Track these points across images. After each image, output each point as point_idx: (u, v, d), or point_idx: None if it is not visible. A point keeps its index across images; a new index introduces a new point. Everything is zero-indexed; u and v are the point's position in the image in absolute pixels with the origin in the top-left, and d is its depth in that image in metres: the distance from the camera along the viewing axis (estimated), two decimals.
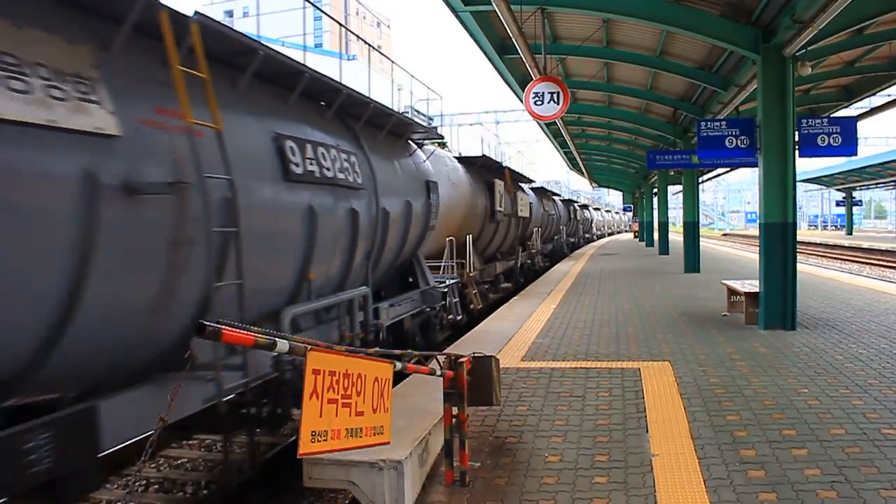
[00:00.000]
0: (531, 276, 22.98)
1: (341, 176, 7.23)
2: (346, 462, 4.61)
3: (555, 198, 34.59)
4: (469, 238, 14.81)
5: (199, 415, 5.20)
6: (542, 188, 30.19)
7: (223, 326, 2.58)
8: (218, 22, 5.47)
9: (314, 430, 3.14)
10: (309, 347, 3.14)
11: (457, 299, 12.45)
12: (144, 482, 7.05)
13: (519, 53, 11.55)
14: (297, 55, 6.87)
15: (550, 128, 26.36)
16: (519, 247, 22.08)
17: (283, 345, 3.00)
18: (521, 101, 13.63)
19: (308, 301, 6.83)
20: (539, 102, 11.51)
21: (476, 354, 5.22)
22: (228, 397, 5.30)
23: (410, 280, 10.80)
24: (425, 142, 11.74)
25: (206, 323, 2.49)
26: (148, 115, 4.63)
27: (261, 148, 6.02)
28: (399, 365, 4.10)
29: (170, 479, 7.11)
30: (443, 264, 13.13)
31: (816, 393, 6.78)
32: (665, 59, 15.44)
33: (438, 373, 4.76)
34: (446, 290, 11.80)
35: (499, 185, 17.58)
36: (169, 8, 4.72)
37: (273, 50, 6.17)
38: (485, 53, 15.32)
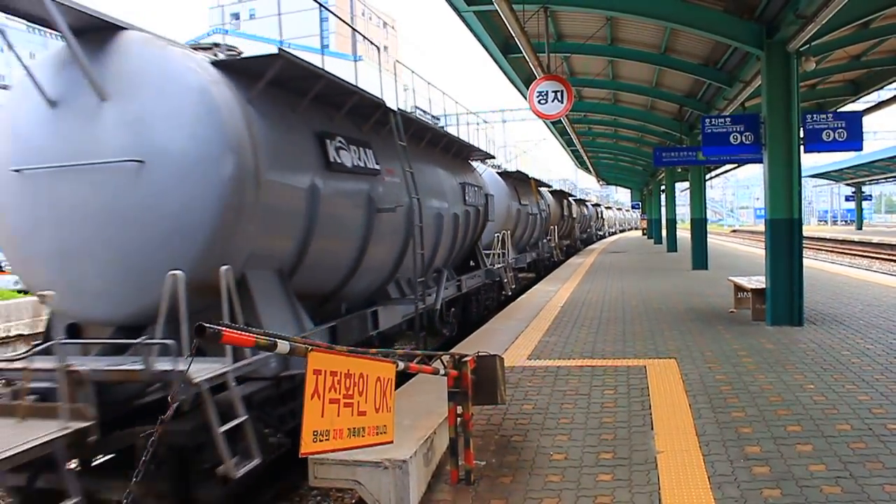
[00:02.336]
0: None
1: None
2: (351, 461, 4.63)
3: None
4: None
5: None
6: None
7: (223, 328, 2.61)
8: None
9: (316, 430, 3.17)
10: (310, 348, 3.17)
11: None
12: None
13: (522, 53, 11.57)
14: (306, 56, 7.03)
15: (557, 126, 26.35)
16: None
17: (283, 345, 3.03)
18: (526, 100, 13.66)
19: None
20: (543, 101, 11.50)
21: (481, 353, 5.24)
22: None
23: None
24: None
25: (206, 325, 2.52)
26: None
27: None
28: (402, 364, 4.13)
29: None
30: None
31: (822, 389, 6.77)
32: (669, 56, 15.42)
33: (442, 372, 4.79)
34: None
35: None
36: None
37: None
38: (489, 53, 15.34)
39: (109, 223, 5.83)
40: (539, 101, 11.52)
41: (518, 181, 21.42)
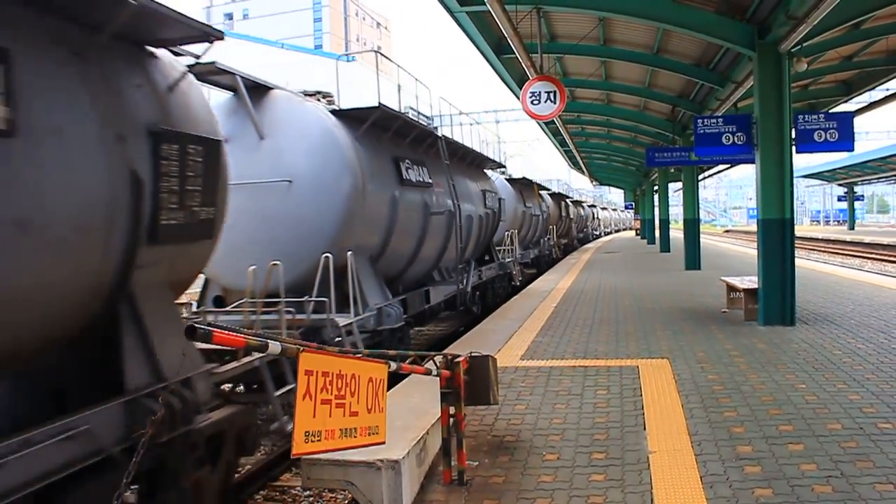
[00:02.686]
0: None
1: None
2: (344, 462, 4.63)
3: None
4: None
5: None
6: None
7: (213, 329, 2.61)
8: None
9: (308, 431, 3.17)
10: (301, 349, 3.17)
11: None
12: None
13: (515, 53, 11.58)
14: (297, 56, 7.46)
15: (550, 126, 26.38)
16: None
17: (274, 346, 3.03)
18: (519, 101, 13.69)
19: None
20: (536, 102, 11.52)
21: (473, 354, 5.24)
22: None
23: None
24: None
25: (196, 326, 2.52)
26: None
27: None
28: (394, 365, 4.13)
29: None
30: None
31: (814, 388, 6.80)
32: (662, 57, 15.46)
33: (435, 373, 4.79)
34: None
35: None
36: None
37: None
38: (482, 53, 15.34)
39: (265, 224, 8.26)
40: (532, 102, 11.54)
41: (523, 186, 24.35)
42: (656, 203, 38.08)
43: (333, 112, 9.31)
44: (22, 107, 3.66)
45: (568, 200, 40.74)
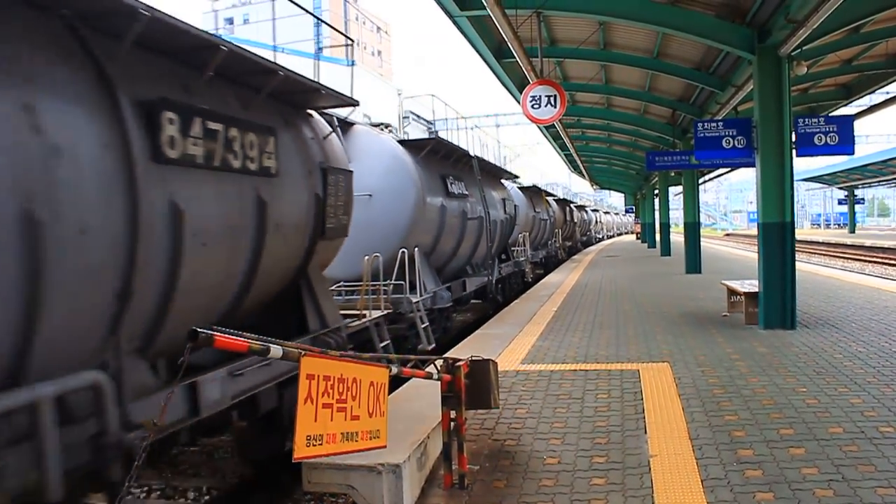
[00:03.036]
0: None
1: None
2: (344, 466, 4.63)
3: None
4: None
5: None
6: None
7: (215, 333, 2.62)
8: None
9: (309, 435, 3.17)
10: (303, 353, 3.17)
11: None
12: (146, 488, 7.08)
13: (515, 57, 11.60)
14: (299, 61, 7.79)
15: (550, 130, 26.42)
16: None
17: (276, 350, 3.03)
18: (520, 105, 13.71)
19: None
20: (536, 106, 11.52)
21: (474, 358, 5.24)
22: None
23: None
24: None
25: (198, 330, 2.52)
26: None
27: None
28: (395, 369, 4.13)
29: (171, 486, 7.14)
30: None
31: (815, 392, 6.80)
32: (662, 61, 15.47)
33: (436, 377, 4.79)
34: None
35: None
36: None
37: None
38: (482, 58, 15.37)
39: (354, 228, 8.82)
40: (532, 106, 11.54)
41: (533, 193, 26.91)
42: (657, 207, 38.11)
43: (401, 142, 12.30)
44: (281, 159, 6.22)
45: (572, 206, 42.85)
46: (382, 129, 12.70)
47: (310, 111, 7.68)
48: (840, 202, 78.38)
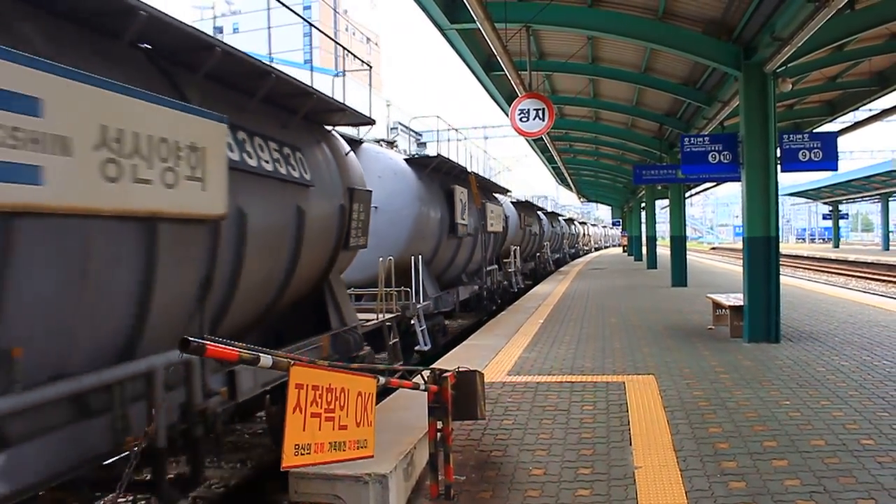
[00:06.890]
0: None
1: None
2: (331, 476, 4.64)
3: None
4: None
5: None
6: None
7: (207, 342, 2.64)
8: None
9: (297, 444, 3.19)
10: (292, 362, 3.19)
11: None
12: (131, 498, 7.04)
13: (504, 71, 11.69)
14: (288, 71, 7.51)
15: (538, 143, 26.55)
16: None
17: (266, 360, 3.05)
18: (508, 118, 13.81)
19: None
20: (524, 119, 11.61)
21: (460, 369, 5.27)
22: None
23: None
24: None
25: (190, 339, 2.55)
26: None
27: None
28: (382, 380, 4.15)
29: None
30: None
31: (798, 405, 6.87)
32: (650, 76, 15.63)
33: (422, 387, 4.81)
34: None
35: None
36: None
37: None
38: (471, 70, 15.47)
39: None
40: (521, 119, 11.62)
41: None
42: (643, 220, 38.31)
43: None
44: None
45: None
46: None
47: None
48: (825, 217, 79.00)
